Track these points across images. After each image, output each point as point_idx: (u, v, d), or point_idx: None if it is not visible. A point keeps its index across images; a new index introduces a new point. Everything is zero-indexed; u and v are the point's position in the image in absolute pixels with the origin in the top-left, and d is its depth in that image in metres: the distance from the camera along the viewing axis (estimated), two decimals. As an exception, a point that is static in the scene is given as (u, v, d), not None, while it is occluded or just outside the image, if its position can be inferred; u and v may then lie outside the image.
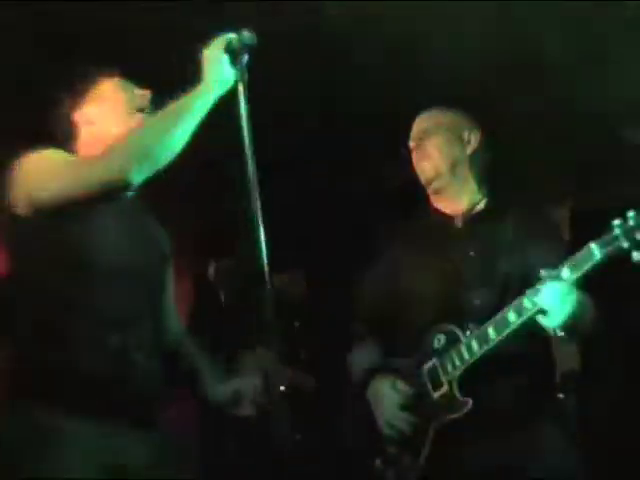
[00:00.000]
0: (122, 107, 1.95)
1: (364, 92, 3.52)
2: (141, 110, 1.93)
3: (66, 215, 1.78)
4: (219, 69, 1.71)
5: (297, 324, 3.86)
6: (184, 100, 1.70)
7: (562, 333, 2.07)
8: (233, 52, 1.70)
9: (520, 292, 2.13)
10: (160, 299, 2.05)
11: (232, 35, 1.71)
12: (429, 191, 2.48)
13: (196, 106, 1.70)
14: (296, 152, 3.77)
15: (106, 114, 1.94)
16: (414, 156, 2.48)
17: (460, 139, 2.44)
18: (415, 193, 2.55)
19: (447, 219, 2.45)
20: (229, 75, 1.70)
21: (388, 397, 2.35)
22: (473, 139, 2.44)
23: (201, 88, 1.71)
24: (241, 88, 1.70)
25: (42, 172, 1.78)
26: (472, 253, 2.35)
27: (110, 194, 1.73)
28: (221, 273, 3.74)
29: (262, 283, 1.69)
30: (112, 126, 1.89)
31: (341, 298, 2.96)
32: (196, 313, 3.90)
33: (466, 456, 2.20)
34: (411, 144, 2.50)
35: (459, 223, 2.42)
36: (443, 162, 2.41)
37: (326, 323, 3.68)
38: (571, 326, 2.05)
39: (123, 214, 1.92)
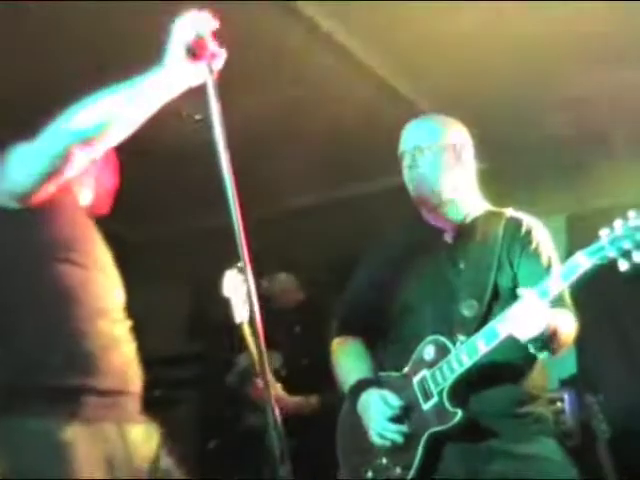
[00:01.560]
0: None
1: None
2: None
3: (46, 205, 1.90)
4: (177, 56, 1.79)
5: (297, 329, 3.79)
6: (136, 80, 1.81)
7: (537, 349, 2.11)
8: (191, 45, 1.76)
9: (510, 304, 2.17)
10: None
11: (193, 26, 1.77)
12: (417, 202, 2.50)
13: (150, 82, 1.81)
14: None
15: None
16: (404, 165, 2.48)
17: (453, 156, 2.45)
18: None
19: (437, 232, 2.49)
20: (189, 65, 1.79)
21: (378, 409, 2.37)
22: (465, 155, 2.46)
23: (160, 69, 1.80)
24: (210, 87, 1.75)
25: (10, 169, 1.91)
26: (462, 266, 2.40)
27: (62, 169, 1.84)
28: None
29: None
30: None
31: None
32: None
33: (456, 467, 2.25)
34: (402, 153, 2.49)
35: (449, 237, 2.46)
36: (437, 181, 2.41)
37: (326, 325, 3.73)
38: (541, 343, 2.10)
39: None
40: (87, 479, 1.86)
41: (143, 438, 2.05)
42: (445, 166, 2.43)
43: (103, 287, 2.06)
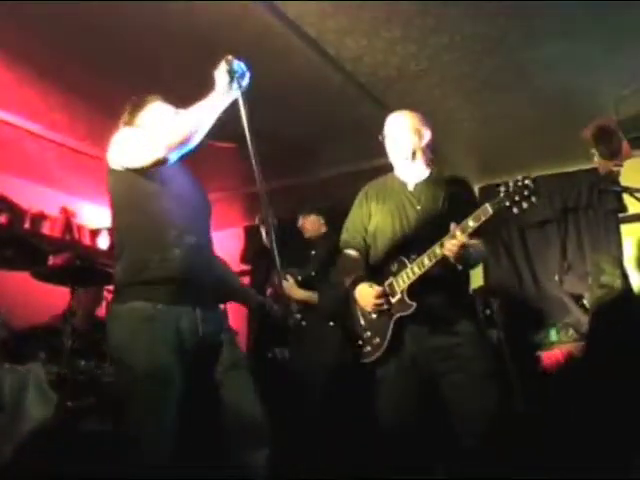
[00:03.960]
0: (159, 115, 2.55)
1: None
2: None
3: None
4: (222, 84, 2.25)
5: (316, 252, 4.45)
6: (202, 103, 2.27)
7: (460, 265, 2.64)
8: (231, 74, 2.23)
9: (447, 233, 2.65)
10: (209, 219, 2.60)
11: (232, 62, 2.23)
12: (395, 165, 3.04)
13: (208, 106, 2.26)
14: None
15: (149, 120, 2.56)
16: (387, 143, 3.03)
17: (418, 134, 2.98)
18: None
19: (403, 184, 3.00)
20: (229, 88, 2.24)
21: (367, 292, 2.85)
22: (426, 135, 3.00)
23: (212, 95, 2.27)
24: (240, 100, 2.23)
25: (123, 143, 2.40)
26: (418, 207, 2.90)
27: (157, 164, 2.30)
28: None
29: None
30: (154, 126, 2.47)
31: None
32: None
33: (414, 339, 2.78)
34: (385, 134, 3.04)
35: (411, 187, 2.98)
36: (408, 153, 2.97)
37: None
38: (465, 261, 2.65)
39: (181, 168, 2.54)
40: (161, 341, 2.27)
41: (211, 318, 2.43)
42: (414, 144, 2.97)
43: (183, 214, 2.44)
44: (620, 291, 4.15)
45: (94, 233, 5.99)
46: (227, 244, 5.77)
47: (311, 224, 4.57)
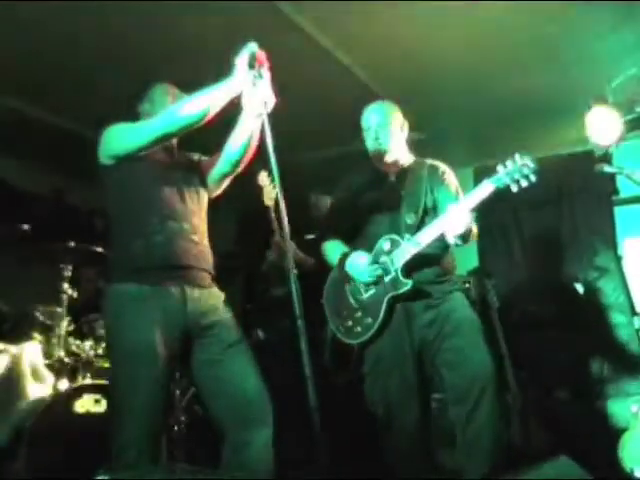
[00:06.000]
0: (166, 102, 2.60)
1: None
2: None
3: (135, 159, 2.40)
4: (241, 70, 2.23)
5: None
6: (216, 86, 2.29)
7: (459, 242, 2.66)
8: (251, 59, 2.21)
9: (434, 215, 2.81)
10: (201, 205, 2.63)
11: (251, 48, 2.21)
12: (374, 157, 3.03)
13: (223, 90, 2.27)
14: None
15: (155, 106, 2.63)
16: (366, 135, 3.02)
17: (399, 126, 3.03)
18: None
19: (385, 175, 3.06)
20: (247, 73, 2.21)
21: (360, 261, 2.88)
22: (405, 126, 3.07)
23: (229, 79, 2.26)
24: (260, 85, 2.19)
25: (121, 133, 2.45)
26: (402, 193, 2.97)
27: (160, 140, 2.37)
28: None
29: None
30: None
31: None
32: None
33: (408, 317, 2.83)
34: (364, 127, 3.03)
35: (393, 177, 3.04)
36: (389, 144, 2.99)
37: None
38: (465, 237, 2.66)
39: (174, 157, 2.63)
40: (145, 321, 2.31)
41: (203, 297, 2.47)
42: (394, 135, 3.01)
43: (170, 199, 2.50)
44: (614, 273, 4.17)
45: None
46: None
47: (324, 205, 4.51)
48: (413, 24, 3.76)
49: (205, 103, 2.28)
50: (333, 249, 3.08)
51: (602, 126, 3.62)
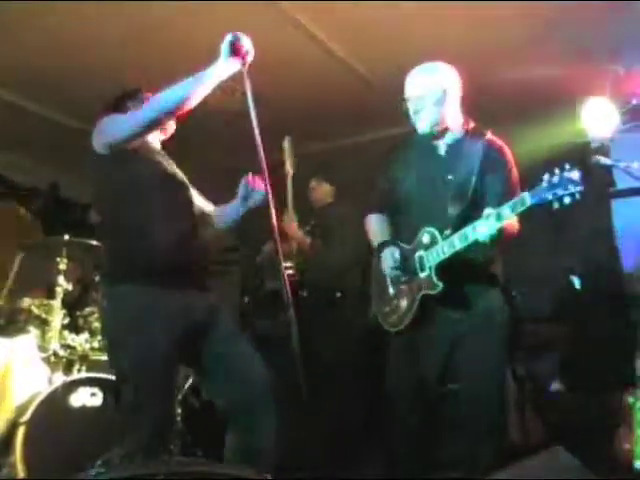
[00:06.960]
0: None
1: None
2: None
3: (130, 150, 2.40)
4: (225, 56, 2.31)
5: (320, 217, 4.58)
6: (202, 72, 2.33)
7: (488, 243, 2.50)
8: (233, 46, 2.30)
9: (482, 207, 2.54)
10: (192, 207, 2.66)
11: (235, 35, 2.30)
12: (423, 132, 2.84)
13: (207, 75, 2.32)
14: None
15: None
16: (410, 106, 2.83)
17: (443, 95, 2.79)
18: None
19: (434, 148, 2.86)
20: (231, 60, 2.31)
21: (391, 256, 2.82)
22: (451, 92, 2.80)
23: (213, 65, 2.33)
24: (244, 71, 2.30)
25: (115, 121, 2.46)
26: (450, 177, 2.75)
27: (151, 126, 2.39)
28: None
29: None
30: None
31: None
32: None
33: (439, 317, 2.74)
34: (407, 97, 2.84)
35: (442, 151, 2.84)
36: (435, 115, 2.80)
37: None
38: (496, 240, 2.51)
39: (161, 155, 2.62)
40: (154, 320, 2.33)
41: (201, 297, 2.51)
42: (439, 104, 2.79)
43: (170, 199, 2.52)
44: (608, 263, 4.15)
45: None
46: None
47: (322, 193, 4.65)
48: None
49: (190, 88, 2.31)
50: (376, 226, 3.04)
51: (598, 118, 3.59)
